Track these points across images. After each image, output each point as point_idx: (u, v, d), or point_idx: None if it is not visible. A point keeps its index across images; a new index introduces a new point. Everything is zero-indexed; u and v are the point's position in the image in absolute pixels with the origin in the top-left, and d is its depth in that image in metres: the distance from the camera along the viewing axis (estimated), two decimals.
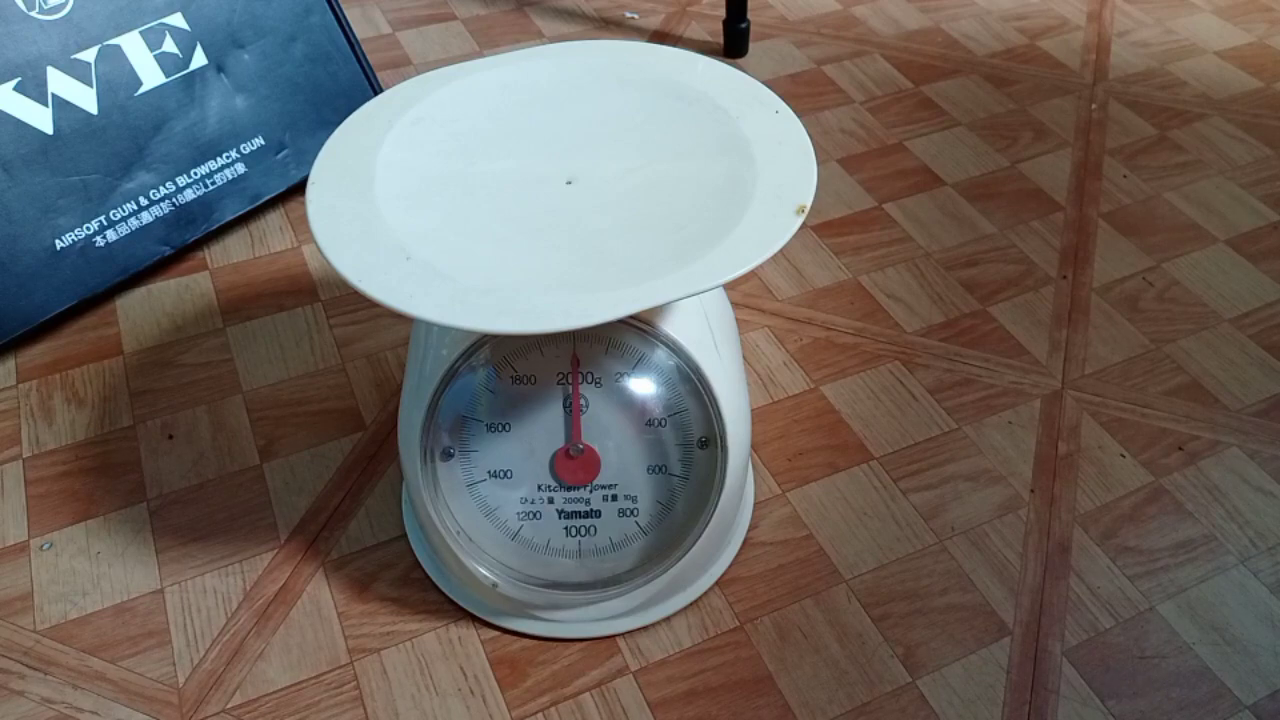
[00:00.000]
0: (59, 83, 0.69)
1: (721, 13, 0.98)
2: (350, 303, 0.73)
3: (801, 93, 0.94)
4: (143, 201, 0.73)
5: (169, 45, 0.74)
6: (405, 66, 0.97)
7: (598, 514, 0.50)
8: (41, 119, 0.69)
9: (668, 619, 0.54)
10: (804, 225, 0.42)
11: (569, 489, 0.49)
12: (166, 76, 0.74)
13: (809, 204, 0.42)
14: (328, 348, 0.70)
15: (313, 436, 0.64)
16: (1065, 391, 0.67)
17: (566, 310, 0.38)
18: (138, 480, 0.61)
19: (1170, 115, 0.91)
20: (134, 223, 0.72)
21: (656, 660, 0.53)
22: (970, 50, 1.00)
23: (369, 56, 0.83)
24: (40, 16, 0.69)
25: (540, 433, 0.48)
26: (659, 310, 0.47)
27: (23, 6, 0.68)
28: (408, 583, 0.56)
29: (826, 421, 0.65)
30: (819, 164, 0.45)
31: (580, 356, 0.47)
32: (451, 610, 0.55)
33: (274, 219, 0.81)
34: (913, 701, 0.51)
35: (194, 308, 0.72)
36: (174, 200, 0.74)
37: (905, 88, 0.95)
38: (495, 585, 0.52)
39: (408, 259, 0.40)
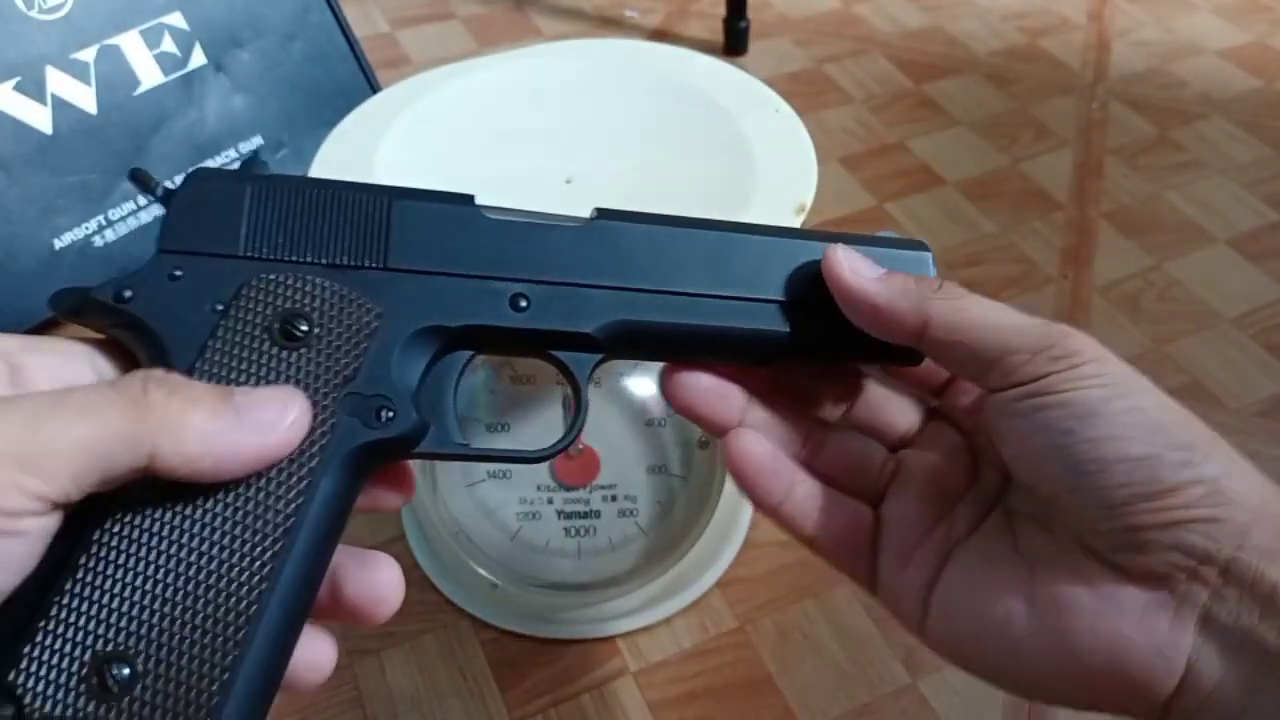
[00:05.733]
0: (58, 82, 0.69)
1: (721, 11, 0.98)
2: None
3: (802, 91, 0.94)
4: (142, 201, 0.72)
5: (168, 44, 0.74)
6: (404, 65, 0.97)
7: (597, 514, 0.49)
8: (41, 119, 0.68)
9: (668, 620, 0.54)
10: (804, 225, 0.42)
11: (568, 489, 0.49)
12: (165, 76, 0.74)
13: (809, 203, 0.42)
14: None
15: None
16: None
17: None
18: None
19: (1171, 115, 0.91)
20: (133, 222, 0.72)
21: (656, 661, 0.53)
22: (971, 49, 1.00)
23: (368, 55, 0.83)
24: (39, 16, 0.69)
25: (540, 433, 0.48)
26: None
27: (21, 6, 0.68)
28: (407, 583, 0.55)
29: None
30: (819, 163, 0.45)
31: None
32: (451, 611, 0.55)
33: None
34: (914, 702, 0.51)
35: None
36: None
37: (906, 87, 0.95)
38: (495, 585, 0.52)
39: None
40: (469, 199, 0.28)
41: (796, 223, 0.41)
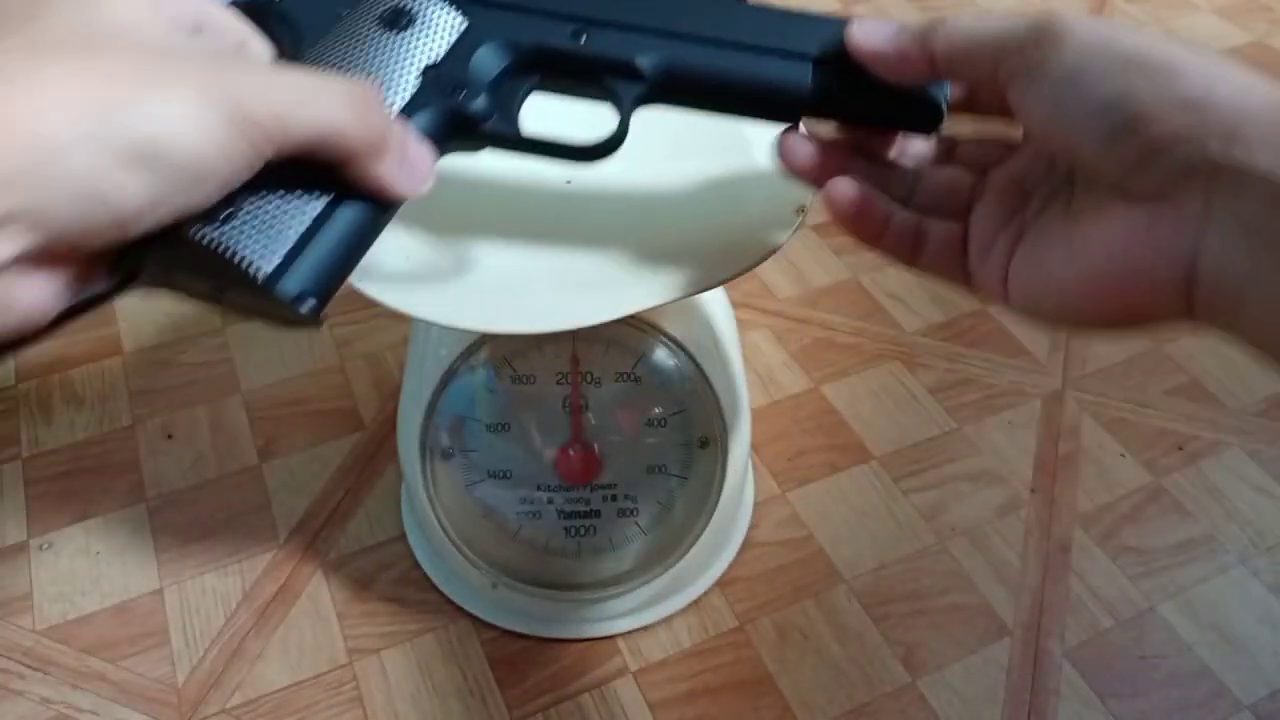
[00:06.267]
0: None
1: None
2: (349, 302, 0.73)
3: None
4: None
5: None
6: None
7: (597, 514, 0.49)
8: None
9: (668, 619, 0.54)
10: (804, 224, 0.42)
11: (569, 489, 0.49)
12: None
13: (809, 203, 0.42)
14: (327, 348, 0.70)
15: (312, 436, 0.64)
16: (1066, 391, 0.67)
17: (566, 310, 0.38)
18: (137, 480, 0.61)
19: None
20: None
21: (656, 661, 0.53)
22: None
23: None
24: None
25: (540, 433, 0.48)
26: (659, 310, 0.47)
27: None
28: (407, 583, 0.56)
29: (826, 421, 0.65)
30: None
31: (580, 356, 0.47)
32: (451, 610, 0.55)
33: None
34: (913, 702, 0.51)
35: (193, 307, 0.72)
36: None
37: None
38: (495, 585, 0.52)
39: (407, 258, 0.40)
40: None
41: (795, 223, 0.41)
